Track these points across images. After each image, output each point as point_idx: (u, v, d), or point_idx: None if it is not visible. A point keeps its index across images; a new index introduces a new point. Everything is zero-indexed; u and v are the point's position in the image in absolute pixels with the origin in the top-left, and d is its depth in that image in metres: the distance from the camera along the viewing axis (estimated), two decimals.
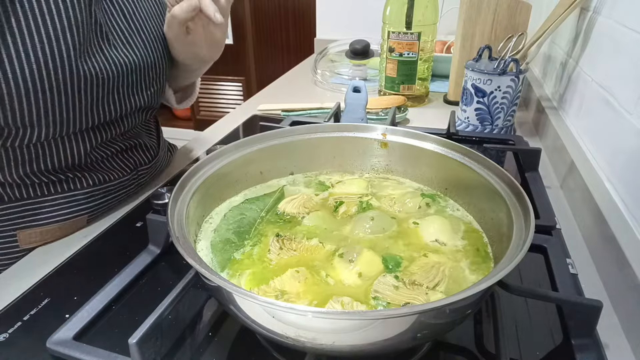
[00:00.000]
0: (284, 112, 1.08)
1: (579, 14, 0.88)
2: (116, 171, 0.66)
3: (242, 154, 0.57)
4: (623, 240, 0.51)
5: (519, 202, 0.44)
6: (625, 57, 0.64)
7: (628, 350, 0.45)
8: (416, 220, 0.52)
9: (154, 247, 0.54)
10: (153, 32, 0.64)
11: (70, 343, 0.42)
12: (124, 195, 0.68)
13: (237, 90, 2.63)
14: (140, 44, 0.61)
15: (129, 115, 0.64)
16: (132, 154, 0.69)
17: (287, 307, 0.33)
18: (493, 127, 0.92)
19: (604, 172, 0.65)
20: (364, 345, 0.35)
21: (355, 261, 0.45)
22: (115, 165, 0.66)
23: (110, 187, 0.65)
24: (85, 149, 0.60)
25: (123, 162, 0.67)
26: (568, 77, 0.89)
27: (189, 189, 0.48)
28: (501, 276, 0.34)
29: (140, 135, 0.71)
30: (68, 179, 0.60)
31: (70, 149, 0.58)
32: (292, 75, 1.49)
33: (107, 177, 0.64)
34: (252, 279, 0.44)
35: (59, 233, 0.61)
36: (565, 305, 0.45)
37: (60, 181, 0.60)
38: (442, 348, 0.44)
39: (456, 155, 0.55)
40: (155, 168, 0.76)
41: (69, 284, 0.51)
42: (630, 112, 0.59)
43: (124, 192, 0.68)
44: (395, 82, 1.11)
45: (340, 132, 0.62)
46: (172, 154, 0.85)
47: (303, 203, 0.55)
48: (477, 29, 1.06)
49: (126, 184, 0.68)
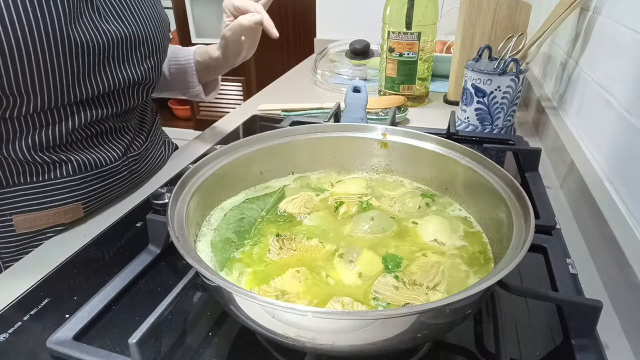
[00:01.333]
0: (284, 112, 1.08)
1: (579, 14, 0.88)
2: (106, 153, 0.67)
3: (242, 154, 0.57)
4: (623, 240, 0.51)
5: (519, 202, 0.44)
6: (625, 57, 0.64)
7: (628, 350, 0.45)
8: (415, 220, 0.53)
9: (154, 247, 0.54)
10: (145, 8, 0.66)
11: (70, 343, 0.42)
12: (117, 185, 0.69)
13: (237, 90, 2.62)
14: (131, 18, 0.63)
15: (122, 92, 0.66)
16: (122, 135, 0.70)
17: (287, 307, 0.33)
18: (493, 127, 0.92)
19: (604, 172, 0.65)
20: (364, 345, 0.35)
21: (355, 261, 0.45)
22: (104, 145, 0.67)
23: (102, 172, 0.66)
24: (80, 123, 0.61)
25: (112, 143, 0.68)
26: (568, 77, 0.89)
27: (189, 189, 0.48)
28: (501, 276, 0.34)
29: (132, 119, 0.72)
30: (61, 162, 0.62)
31: (65, 123, 0.60)
32: (292, 75, 1.49)
33: (97, 161, 0.65)
34: (253, 279, 0.44)
35: (53, 219, 0.62)
36: (565, 305, 0.45)
37: (54, 164, 0.61)
38: (442, 348, 0.44)
39: (456, 155, 0.55)
40: (147, 159, 0.76)
41: (69, 284, 0.51)
42: (630, 112, 0.59)
43: (117, 181, 0.69)
44: (395, 82, 1.11)
45: (340, 132, 0.62)
46: (169, 151, 0.86)
47: (304, 203, 0.55)
48: (477, 29, 1.06)
49: (117, 171, 0.68)
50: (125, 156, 0.70)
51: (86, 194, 0.65)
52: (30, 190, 0.61)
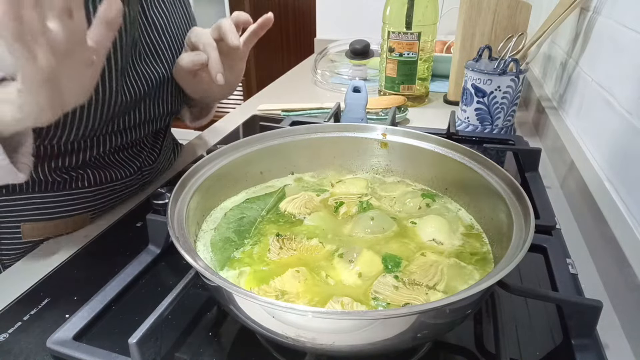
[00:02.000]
0: (284, 112, 1.08)
1: (579, 14, 0.88)
2: (122, 169, 0.66)
3: (242, 154, 0.57)
4: (623, 240, 0.51)
5: (519, 202, 0.44)
6: (625, 57, 0.64)
7: (628, 350, 0.45)
8: (414, 219, 0.53)
9: (154, 247, 0.54)
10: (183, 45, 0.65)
11: (70, 343, 0.41)
12: (127, 194, 0.69)
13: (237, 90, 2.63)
14: (170, 57, 0.63)
15: (151, 122, 0.66)
16: (138, 152, 0.69)
17: (287, 307, 0.33)
18: (493, 127, 0.92)
19: (604, 172, 0.65)
20: (364, 345, 0.35)
21: (355, 261, 0.45)
22: (121, 163, 0.66)
23: (115, 186, 0.66)
24: (105, 147, 0.61)
25: (129, 160, 0.68)
26: (568, 77, 0.89)
27: (189, 189, 0.48)
28: (501, 276, 0.34)
29: (149, 136, 0.72)
30: (78, 176, 0.61)
31: (91, 149, 0.60)
32: (292, 75, 1.49)
33: (114, 176, 0.65)
34: (252, 279, 0.44)
35: (62, 228, 0.62)
36: (565, 305, 0.45)
37: (71, 178, 0.61)
38: (442, 348, 0.44)
39: (456, 155, 0.55)
40: (158, 168, 0.76)
41: (69, 284, 0.51)
42: (630, 112, 0.59)
43: (128, 191, 0.69)
44: (395, 82, 1.11)
45: (340, 132, 0.62)
46: (176, 155, 0.85)
47: (304, 203, 0.55)
48: (477, 29, 1.06)
49: (130, 184, 0.69)
50: (140, 170, 0.69)
51: (97, 205, 0.65)
52: (43, 200, 0.60)
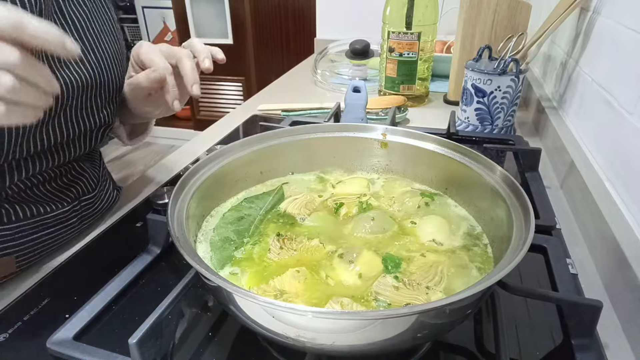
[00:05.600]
0: (284, 112, 1.08)
1: (579, 14, 0.88)
2: (53, 202, 0.57)
3: (242, 154, 0.57)
4: (623, 240, 0.51)
5: (519, 202, 0.44)
6: (625, 57, 0.64)
7: (628, 350, 0.45)
8: (414, 219, 0.53)
9: (154, 247, 0.54)
10: (107, 49, 0.57)
11: (70, 343, 0.42)
12: (64, 232, 0.58)
13: (237, 90, 2.63)
14: (93, 61, 0.55)
15: (78, 139, 0.57)
16: (73, 179, 0.60)
17: (287, 307, 0.33)
18: (493, 127, 0.92)
19: (604, 172, 0.64)
20: (363, 345, 0.35)
21: (355, 262, 0.45)
22: (53, 194, 0.57)
23: (45, 220, 0.55)
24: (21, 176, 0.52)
25: (62, 191, 0.58)
26: (568, 77, 0.89)
27: (189, 189, 0.48)
28: (501, 276, 0.34)
29: (82, 159, 0.62)
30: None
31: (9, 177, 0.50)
32: (292, 75, 1.49)
33: (42, 209, 0.55)
34: (252, 279, 0.44)
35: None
36: (565, 305, 0.45)
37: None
38: (442, 348, 0.44)
39: (456, 155, 0.55)
40: (101, 200, 0.65)
41: (69, 284, 0.51)
42: (630, 112, 0.59)
43: (64, 228, 0.58)
44: (395, 82, 1.11)
45: (340, 132, 0.62)
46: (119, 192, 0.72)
47: (305, 204, 0.55)
48: (477, 29, 1.06)
49: (65, 218, 0.58)
50: (77, 200, 0.59)
51: (22, 246, 0.53)
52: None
